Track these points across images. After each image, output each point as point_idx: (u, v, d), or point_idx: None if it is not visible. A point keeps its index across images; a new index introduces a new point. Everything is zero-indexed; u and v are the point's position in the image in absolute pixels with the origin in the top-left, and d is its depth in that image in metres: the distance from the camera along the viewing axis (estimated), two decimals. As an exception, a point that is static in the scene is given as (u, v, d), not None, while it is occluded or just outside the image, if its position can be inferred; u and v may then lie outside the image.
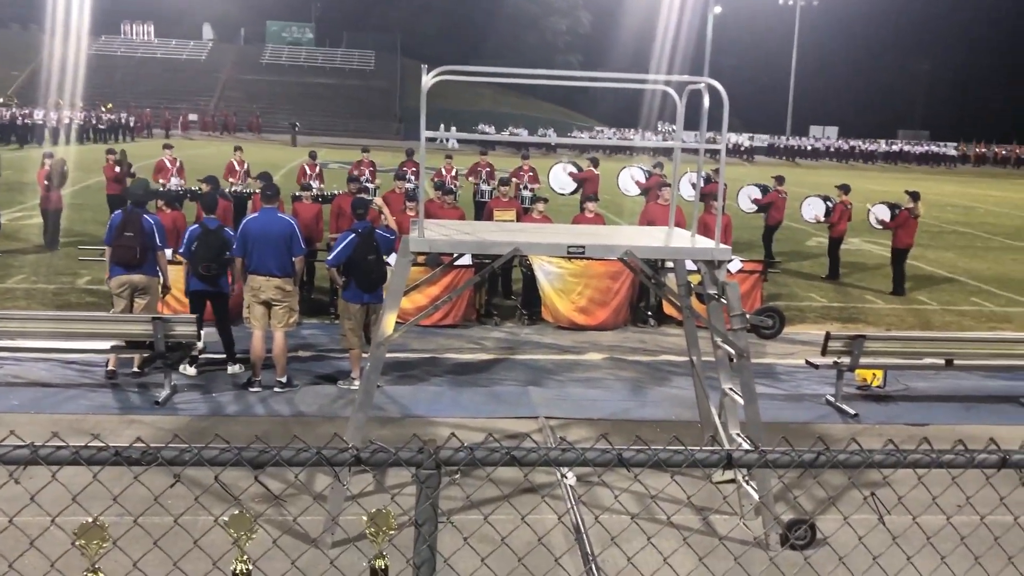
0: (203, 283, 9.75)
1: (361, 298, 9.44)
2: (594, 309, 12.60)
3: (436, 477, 2.31)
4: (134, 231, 9.38)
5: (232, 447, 2.24)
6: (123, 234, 9.39)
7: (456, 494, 6.42)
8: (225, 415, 8.74)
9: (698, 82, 6.48)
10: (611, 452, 2.36)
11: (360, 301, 9.45)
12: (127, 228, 9.40)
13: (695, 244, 6.74)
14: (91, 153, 36.24)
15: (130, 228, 9.39)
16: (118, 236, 9.41)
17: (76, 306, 12.33)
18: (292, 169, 25.38)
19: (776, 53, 79.52)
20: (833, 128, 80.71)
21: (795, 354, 11.46)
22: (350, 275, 9.37)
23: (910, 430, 8.99)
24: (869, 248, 21.25)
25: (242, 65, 75.82)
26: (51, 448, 2.20)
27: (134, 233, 9.37)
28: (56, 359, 9.86)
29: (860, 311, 14.68)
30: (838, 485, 7.07)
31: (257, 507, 6.38)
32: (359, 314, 9.49)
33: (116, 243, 9.43)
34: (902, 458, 2.45)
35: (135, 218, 9.46)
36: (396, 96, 72.57)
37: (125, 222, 9.44)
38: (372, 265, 9.36)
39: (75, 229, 17.76)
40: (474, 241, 6.36)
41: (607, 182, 20.25)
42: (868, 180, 45.58)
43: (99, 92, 61.96)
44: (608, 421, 8.94)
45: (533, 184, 19.16)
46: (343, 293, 9.55)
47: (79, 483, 2.58)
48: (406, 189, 14.40)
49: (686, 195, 15.71)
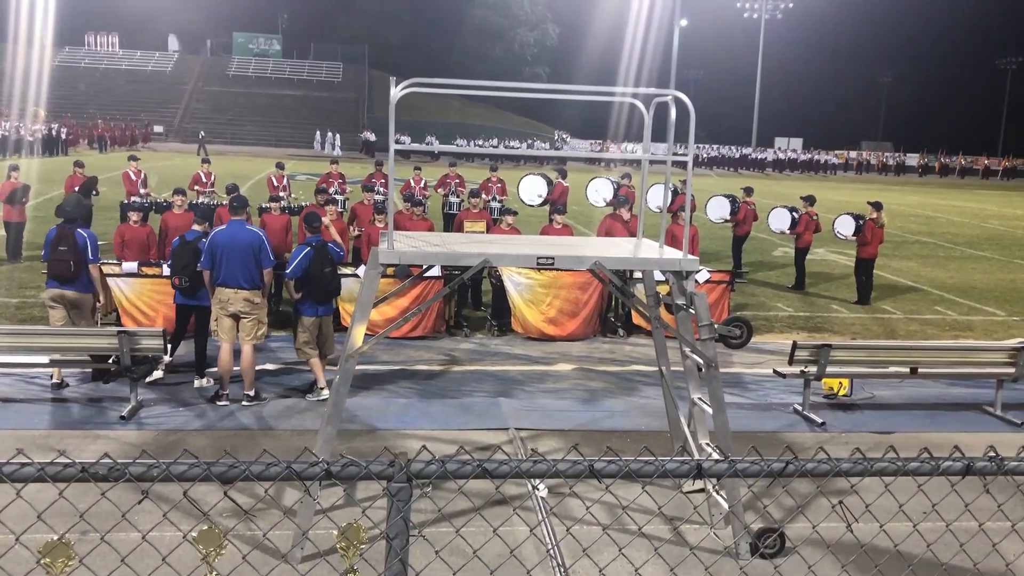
0: (184, 296, 9.72)
1: (316, 311, 9.53)
2: (564, 320, 12.63)
3: (407, 490, 2.31)
4: (67, 245, 9.35)
5: (201, 462, 2.22)
6: (57, 248, 9.38)
7: (427, 507, 6.40)
8: (192, 429, 8.64)
9: (665, 95, 6.54)
10: (582, 463, 2.36)
11: (315, 314, 9.53)
12: (60, 243, 9.38)
13: (663, 255, 6.79)
14: (54, 165, 35.78)
15: (63, 243, 9.37)
16: (53, 251, 9.41)
17: (39, 320, 12.14)
18: (260, 180, 25.22)
19: (742, 66, 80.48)
20: (798, 140, 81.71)
21: (763, 363, 11.56)
22: (305, 288, 9.40)
23: (876, 438, 9.09)
24: (834, 258, 21.50)
25: (208, 77, 75.33)
26: (15, 465, 2.16)
27: (67, 247, 9.35)
28: (18, 374, 9.71)
29: (826, 320, 14.83)
30: (807, 493, 7.13)
31: (226, 522, 6.31)
32: (313, 327, 9.55)
33: (51, 258, 9.45)
34: (869, 466, 2.48)
35: (68, 233, 9.43)
36: (364, 107, 72.44)
37: (59, 237, 9.42)
38: (328, 278, 9.46)
39: (39, 242, 17.48)
40: (444, 253, 6.36)
41: (575, 194, 20.33)
42: (832, 191, 46.15)
43: (63, 103, 61.33)
44: (578, 432, 8.95)
45: (502, 196, 19.20)
46: (299, 306, 9.55)
47: (44, 500, 2.54)
48: (375, 201, 14.37)
49: (654, 207, 15.80)
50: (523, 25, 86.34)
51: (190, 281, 9.61)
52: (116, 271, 11.28)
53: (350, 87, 76.05)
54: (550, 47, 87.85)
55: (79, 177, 17.48)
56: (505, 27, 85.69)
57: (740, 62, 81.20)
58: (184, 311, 9.91)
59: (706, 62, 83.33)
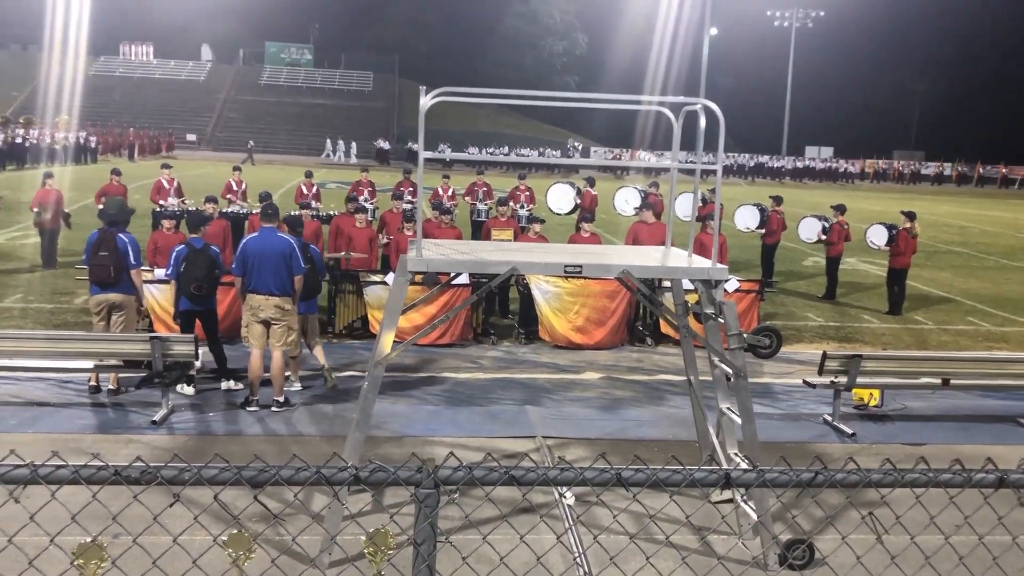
0: (192, 302, 9.81)
1: (299, 308, 9.85)
2: (591, 328, 12.60)
3: (435, 496, 2.32)
4: (108, 250, 9.44)
5: (231, 466, 2.24)
6: (98, 253, 9.47)
7: (454, 514, 6.41)
8: (222, 434, 8.72)
9: (694, 103, 6.53)
10: (609, 471, 2.36)
11: (299, 311, 9.89)
12: (102, 247, 9.47)
13: (692, 264, 6.76)
14: (86, 173, 36.32)
15: (104, 248, 9.45)
16: (93, 256, 9.50)
17: (73, 325, 12.32)
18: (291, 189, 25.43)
19: (772, 74, 80.00)
20: (828, 148, 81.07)
21: (792, 374, 11.47)
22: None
23: (907, 449, 8.98)
24: (866, 268, 21.30)
25: (241, 86, 76.10)
26: (51, 467, 2.20)
27: (108, 252, 9.43)
28: (53, 378, 9.85)
29: (857, 330, 14.69)
30: (836, 505, 7.06)
31: (255, 527, 6.36)
32: (303, 323, 10.11)
33: (92, 262, 9.53)
34: (899, 477, 2.46)
35: (109, 237, 9.52)
36: (394, 116, 72.83)
37: (100, 241, 9.51)
38: (307, 277, 9.76)
39: (73, 248, 17.75)
40: (471, 260, 6.38)
41: (604, 202, 20.30)
42: (864, 200, 45.74)
43: (98, 112, 62.22)
44: (606, 441, 8.92)
45: (530, 204, 19.22)
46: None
47: (78, 502, 2.58)
48: (403, 209, 14.44)
49: (682, 215, 15.75)
50: (552, 35, 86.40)
51: (209, 289, 9.76)
52: (148, 277, 11.41)
53: (380, 96, 76.50)
54: (579, 56, 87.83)
55: (115, 185, 17.72)
56: (535, 36, 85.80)
57: (770, 70, 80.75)
58: (190, 317, 9.99)
59: (736, 71, 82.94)
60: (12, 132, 43.83)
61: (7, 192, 25.93)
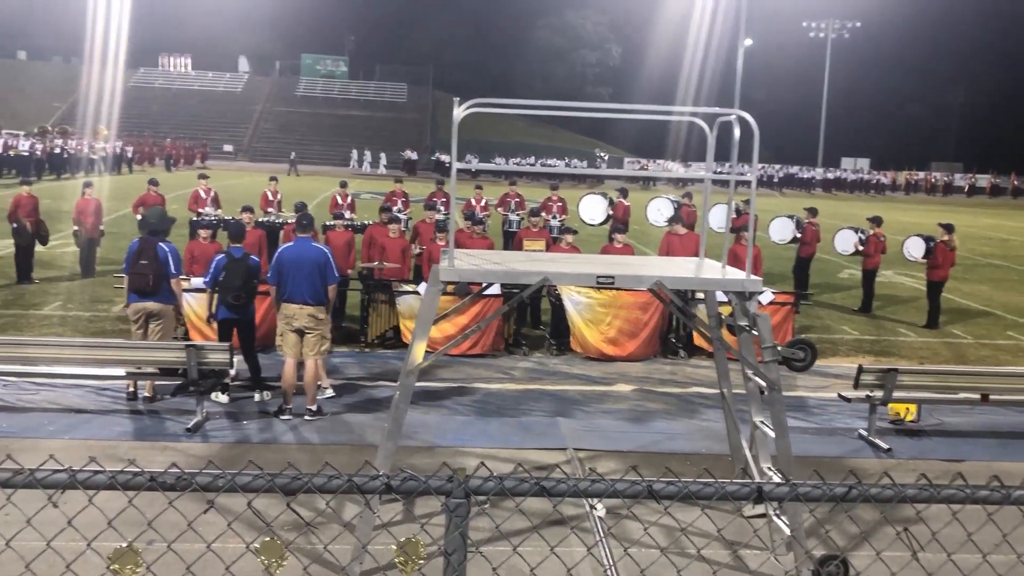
0: (231, 311, 9.89)
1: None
2: (623, 340, 12.56)
3: (465, 506, 2.32)
4: (148, 259, 9.54)
5: (265, 474, 2.26)
6: (138, 262, 9.56)
7: (485, 524, 6.41)
8: (256, 442, 8.80)
9: (729, 114, 6.51)
10: (641, 484, 2.36)
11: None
12: (142, 256, 9.57)
13: (726, 275, 6.72)
14: (123, 183, 36.86)
15: (145, 256, 9.56)
16: (133, 264, 9.59)
17: (110, 333, 12.49)
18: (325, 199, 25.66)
19: (807, 85, 79.44)
20: (865, 160, 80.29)
21: (827, 387, 11.35)
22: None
23: (944, 466, 8.85)
24: (902, 280, 21.05)
25: (277, 97, 76.94)
26: (88, 473, 2.24)
27: (148, 260, 9.53)
28: (90, 385, 9.99)
29: (893, 344, 14.51)
30: (871, 520, 6.98)
31: (287, 535, 6.40)
32: None
33: (131, 271, 9.62)
34: (935, 493, 2.43)
35: (150, 246, 9.62)
36: (428, 128, 73.22)
37: (140, 250, 9.61)
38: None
39: (111, 257, 18.02)
40: (503, 271, 6.39)
41: (636, 213, 20.25)
42: (902, 212, 45.20)
43: (137, 123, 63.19)
44: (637, 453, 8.88)
45: (562, 215, 19.22)
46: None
47: (114, 508, 2.62)
48: (436, 219, 14.50)
49: (716, 227, 15.68)
50: (586, 46, 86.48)
51: (247, 298, 9.84)
52: (185, 286, 11.54)
53: (414, 108, 76.97)
54: (613, 67, 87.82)
55: (152, 195, 17.95)
56: (568, 48, 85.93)
57: (805, 81, 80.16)
58: (228, 326, 10.08)
59: (770, 82, 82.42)
60: (51, 142, 44.57)
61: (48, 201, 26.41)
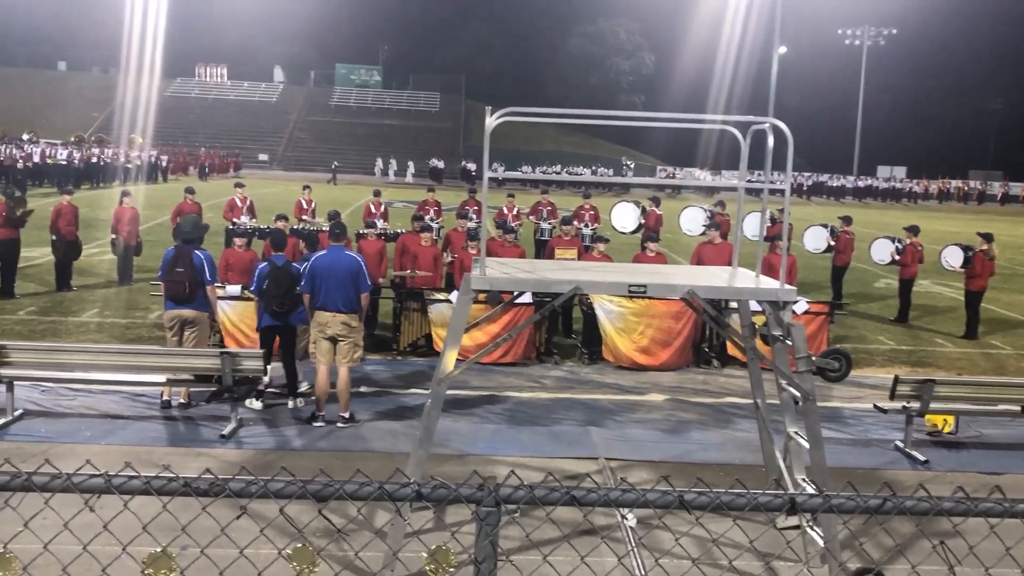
0: (274, 319, 9.97)
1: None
2: (656, 349, 12.49)
3: (496, 515, 2.32)
4: (184, 266, 9.66)
5: (297, 480, 2.28)
6: (174, 270, 9.69)
7: (515, 533, 6.39)
8: (289, 449, 8.85)
9: (763, 122, 6.47)
10: (672, 494, 2.34)
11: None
12: (178, 264, 9.69)
13: (759, 284, 6.67)
14: (160, 191, 37.35)
15: (180, 264, 9.68)
16: (169, 272, 9.72)
17: (147, 340, 12.64)
18: (359, 208, 25.83)
19: (842, 92, 78.79)
20: (901, 168, 79.39)
21: (863, 398, 11.21)
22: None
23: (983, 478, 8.70)
24: (940, 290, 20.76)
25: (311, 107, 77.63)
26: (124, 478, 2.26)
27: (184, 268, 9.65)
28: (126, 391, 10.11)
29: (930, 355, 14.31)
30: (906, 533, 6.87)
31: (319, 541, 6.43)
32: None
33: (167, 279, 9.74)
34: (973, 506, 2.39)
35: (185, 254, 9.74)
36: (460, 136, 73.50)
37: (176, 258, 9.73)
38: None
39: (148, 265, 18.25)
40: (535, 279, 6.39)
41: (669, 222, 20.17)
42: (940, 221, 44.63)
43: (174, 132, 63.98)
44: (669, 463, 8.82)
45: (594, 223, 19.18)
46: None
47: (148, 513, 2.64)
48: (467, 227, 14.54)
49: (750, 235, 15.58)
50: (619, 54, 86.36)
51: (290, 305, 9.89)
52: (220, 293, 11.65)
53: (447, 116, 77.31)
54: (646, 75, 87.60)
55: (189, 204, 18.18)
56: (601, 56, 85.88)
57: (841, 89, 79.51)
58: (271, 333, 10.15)
59: (805, 89, 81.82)
60: (87, 151, 45.26)
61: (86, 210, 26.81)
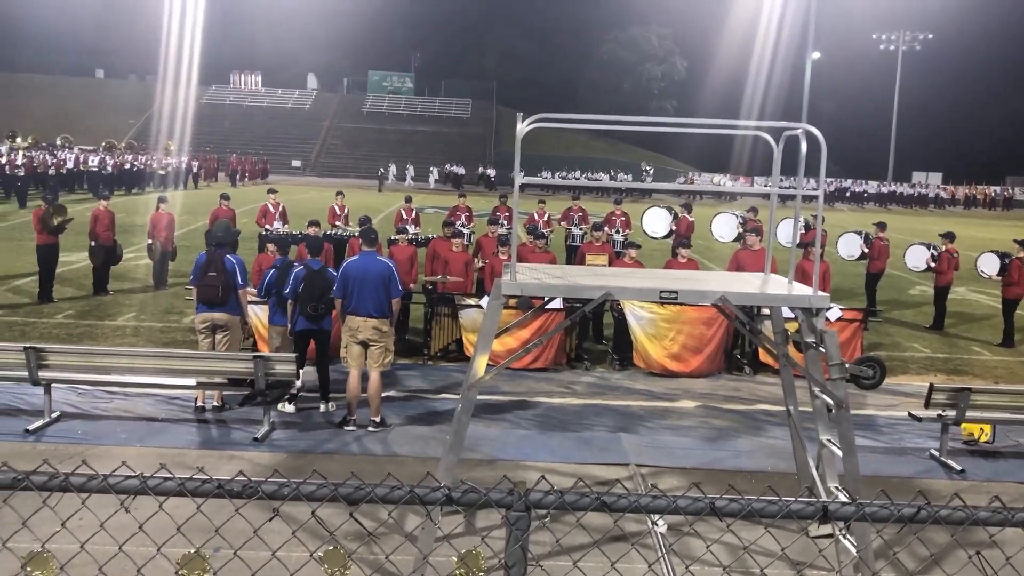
0: (309, 322, 10.04)
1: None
2: (687, 356, 12.43)
3: (526, 520, 2.32)
4: (216, 271, 9.77)
5: (329, 483, 2.30)
6: (207, 274, 9.80)
7: (545, 539, 6.39)
8: (321, 453, 8.91)
9: (796, 128, 6.43)
10: (703, 501, 2.33)
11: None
12: (210, 268, 9.81)
13: (792, 291, 6.62)
14: (194, 197, 37.77)
15: (213, 268, 9.79)
16: (202, 276, 9.83)
17: (181, 344, 12.78)
18: (390, 214, 25.96)
19: (877, 98, 77.96)
20: (937, 174, 78.42)
21: (897, 406, 11.09)
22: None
23: (1021, 488, 8.57)
24: (976, 298, 20.47)
25: (344, 114, 78.17)
26: (159, 479, 2.29)
27: (216, 272, 9.76)
28: (161, 395, 10.23)
29: (966, 362, 14.12)
30: (941, 543, 6.78)
31: (350, 544, 6.46)
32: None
33: (200, 283, 9.85)
34: (1009, 516, 2.36)
35: (217, 258, 9.85)
36: (491, 143, 73.66)
37: (208, 262, 9.85)
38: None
39: (183, 270, 18.46)
40: (565, 285, 6.39)
41: (701, 228, 20.08)
42: (977, 228, 44.01)
43: (208, 139, 64.75)
44: (701, 470, 8.77)
45: (625, 229, 19.14)
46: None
47: (182, 514, 2.68)
48: (499, 233, 14.57)
49: (783, 241, 15.46)
50: (651, 59, 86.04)
51: (325, 309, 9.96)
52: (252, 297, 11.75)
53: (478, 123, 77.54)
54: (678, 81, 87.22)
55: (224, 209, 18.36)
56: (633, 62, 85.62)
57: (875, 95, 78.68)
58: (305, 336, 10.20)
59: (839, 95, 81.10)
60: (121, 158, 45.89)
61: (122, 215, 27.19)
